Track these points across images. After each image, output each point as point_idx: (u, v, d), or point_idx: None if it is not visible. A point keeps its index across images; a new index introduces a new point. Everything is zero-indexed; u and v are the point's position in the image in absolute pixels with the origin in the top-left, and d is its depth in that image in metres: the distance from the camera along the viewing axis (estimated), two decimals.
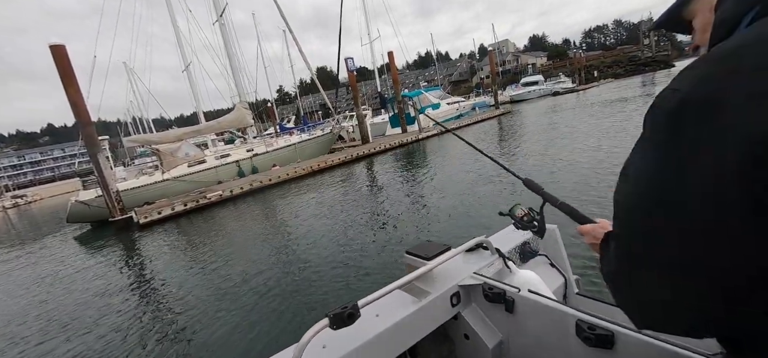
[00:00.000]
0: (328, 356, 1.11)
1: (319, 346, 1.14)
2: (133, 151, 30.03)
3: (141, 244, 8.34)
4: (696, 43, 0.60)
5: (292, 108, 66.54)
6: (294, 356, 0.94)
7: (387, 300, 1.30)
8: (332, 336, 1.12)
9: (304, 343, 0.95)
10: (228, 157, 14.89)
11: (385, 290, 1.14)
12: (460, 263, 1.53)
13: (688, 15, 0.60)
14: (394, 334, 1.22)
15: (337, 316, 0.98)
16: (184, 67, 21.05)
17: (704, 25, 0.56)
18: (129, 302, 4.87)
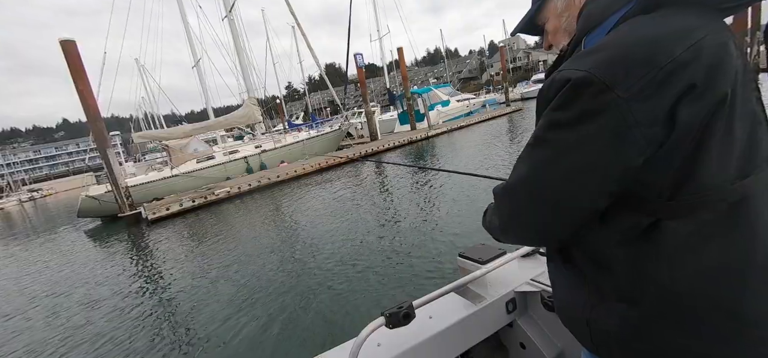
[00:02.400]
0: (383, 354, 1.11)
1: (374, 343, 1.14)
2: (144, 147, 30.38)
3: (150, 240, 8.32)
4: (549, 42, 0.73)
5: (300, 104, 66.72)
6: (352, 351, 0.95)
7: (441, 302, 1.27)
8: (387, 335, 1.11)
9: (361, 339, 0.96)
10: (236, 154, 14.86)
11: (440, 292, 1.14)
12: (516, 269, 1.46)
13: (540, 21, 0.74)
14: (447, 337, 1.20)
15: (394, 315, 0.99)
16: (194, 63, 21.15)
17: (554, 28, 0.71)
18: (135, 298, 4.79)
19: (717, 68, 0.47)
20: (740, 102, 0.50)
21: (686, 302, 0.51)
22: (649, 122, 0.47)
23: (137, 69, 35.31)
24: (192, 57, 20.92)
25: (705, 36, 0.48)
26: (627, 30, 0.51)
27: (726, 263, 0.50)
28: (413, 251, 4.59)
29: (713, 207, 0.50)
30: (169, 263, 6.22)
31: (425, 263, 4.22)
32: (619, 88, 0.47)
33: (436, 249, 4.53)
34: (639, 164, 0.49)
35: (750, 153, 0.51)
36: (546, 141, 0.55)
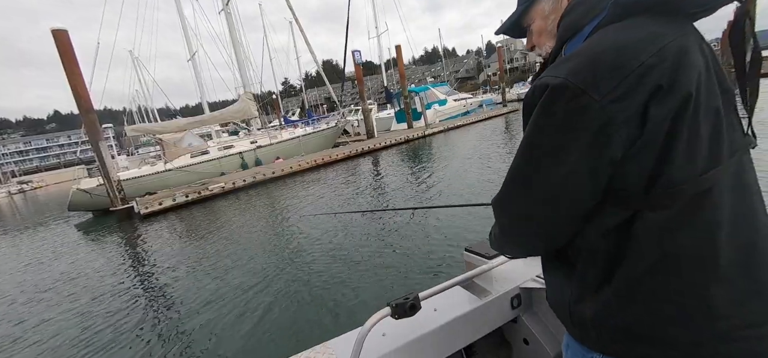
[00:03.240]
0: (388, 344, 1.12)
1: (379, 333, 1.15)
2: (138, 141, 30.01)
3: (142, 235, 8.19)
4: (532, 43, 0.76)
5: (297, 101, 66.35)
6: (357, 339, 0.97)
7: (446, 295, 1.28)
8: (392, 325, 1.13)
9: (367, 329, 0.97)
10: (231, 149, 14.71)
11: (446, 285, 1.15)
12: (522, 265, 1.46)
13: (526, 22, 0.77)
14: (451, 330, 1.21)
15: (400, 306, 1.00)
16: (190, 56, 20.88)
17: (539, 30, 0.74)
18: (126, 293, 4.70)
19: (680, 70, 0.51)
20: (704, 101, 0.53)
21: (657, 288, 0.55)
22: (623, 121, 0.51)
23: (131, 61, 34.86)
24: (187, 50, 20.65)
25: (670, 41, 0.52)
26: (599, 38, 0.56)
27: (693, 250, 0.54)
28: (417, 245, 4.57)
29: (682, 199, 0.53)
30: (162, 258, 6.11)
31: (430, 256, 4.21)
32: (594, 91, 0.51)
33: (441, 242, 4.50)
34: (619, 159, 0.53)
35: (715, 147, 0.54)
36: (536, 147, 0.58)
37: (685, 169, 0.53)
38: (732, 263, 0.54)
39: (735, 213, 0.55)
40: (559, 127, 0.55)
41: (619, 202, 0.56)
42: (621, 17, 0.57)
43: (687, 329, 0.54)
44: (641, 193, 0.54)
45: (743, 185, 0.58)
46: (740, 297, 0.54)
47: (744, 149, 0.59)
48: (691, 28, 0.57)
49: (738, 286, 0.54)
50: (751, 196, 0.58)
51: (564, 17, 0.65)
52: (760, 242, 0.57)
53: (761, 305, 0.55)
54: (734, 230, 0.55)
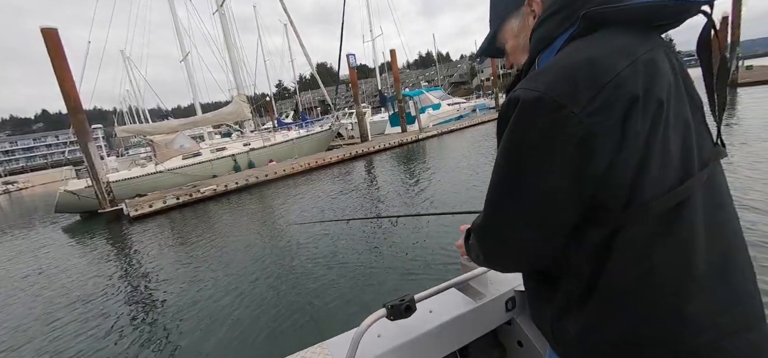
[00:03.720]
0: (383, 344, 1.13)
1: (374, 334, 1.16)
2: (128, 141, 29.56)
3: (131, 237, 8.04)
4: (510, 61, 0.77)
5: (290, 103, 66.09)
6: (353, 339, 0.98)
7: (442, 298, 1.30)
8: (387, 326, 1.14)
9: (362, 329, 0.98)
10: (224, 151, 14.56)
11: (441, 287, 1.16)
12: None
13: (500, 43, 0.78)
14: (446, 332, 1.22)
15: (395, 307, 1.00)
16: (183, 57, 20.69)
17: (513, 48, 0.75)
18: (113, 297, 4.59)
19: (652, 81, 0.52)
20: (674, 112, 0.54)
21: (636, 303, 0.55)
22: (603, 134, 0.50)
23: (123, 61, 34.40)
24: (180, 50, 20.45)
25: (641, 54, 0.52)
26: (573, 50, 0.56)
27: (671, 264, 0.53)
28: (413, 248, 4.55)
29: (657, 212, 0.53)
30: (151, 261, 6.01)
31: (424, 259, 4.20)
32: (573, 104, 0.50)
33: (436, 244, 4.49)
34: (601, 174, 0.52)
35: (686, 159, 0.55)
36: (513, 165, 0.57)
37: (659, 182, 0.52)
38: (709, 273, 0.54)
39: (709, 223, 0.56)
40: (537, 143, 0.53)
41: (600, 218, 0.55)
42: (591, 30, 0.57)
43: (668, 343, 0.54)
44: (620, 208, 0.53)
45: (716, 195, 0.58)
46: (719, 308, 0.54)
47: (715, 159, 0.59)
48: (659, 41, 0.57)
49: (716, 296, 0.54)
50: (723, 205, 0.59)
51: (535, 30, 0.65)
52: (735, 250, 0.58)
53: (740, 313, 0.56)
54: (710, 241, 0.55)
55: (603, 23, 0.56)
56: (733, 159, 5.91)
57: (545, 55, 0.63)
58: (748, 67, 26.06)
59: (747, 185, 4.71)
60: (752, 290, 0.59)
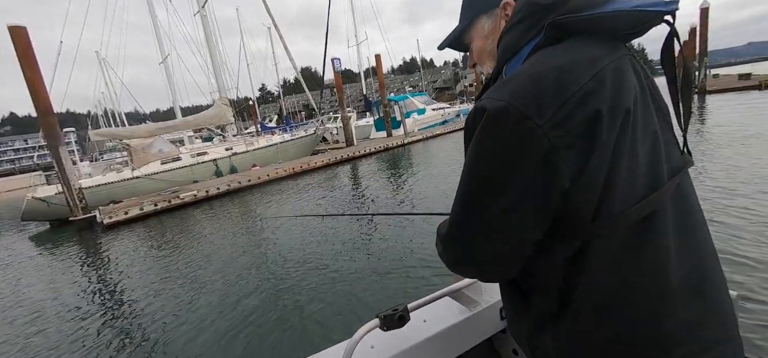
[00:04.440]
0: (376, 356, 1.11)
1: (367, 345, 1.14)
2: (103, 146, 28.43)
3: (105, 247, 7.67)
4: (474, 61, 0.76)
5: (274, 107, 65.24)
6: (346, 351, 0.95)
7: (436, 306, 1.28)
8: (381, 337, 1.12)
9: (355, 340, 0.96)
10: (205, 156, 14.16)
11: (434, 296, 1.13)
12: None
13: (467, 39, 0.76)
14: (440, 342, 1.20)
15: (389, 317, 0.98)
16: (162, 59, 20.10)
17: (479, 49, 0.73)
18: (83, 312, 4.33)
19: (619, 91, 0.51)
20: (641, 122, 0.53)
21: (610, 318, 0.54)
22: (566, 146, 0.49)
23: (98, 62, 33.18)
24: (159, 52, 19.87)
25: (607, 64, 0.52)
26: (539, 60, 0.55)
27: (644, 276, 0.53)
28: (404, 255, 4.49)
29: (627, 224, 0.52)
30: (126, 272, 5.73)
31: (417, 267, 4.14)
32: (536, 116, 0.49)
33: (429, 252, 4.44)
34: (567, 188, 0.51)
35: (655, 169, 0.54)
36: (478, 177, 0.55)
37: (628, 193, 0.52)
38: (683, 285, 0.54)
39: (680, 234, 0.55)
40: (502, 155, 0.52)
41: (568, 232, 0.54)
42: (557, 39, 0.56)
43: (645, 356, 0.53)
44: (589, 222, 0.52)
45: (685, 204, 0.58)
46: (695, 320, 0.54)
47: (683, 168, 0.59)
48: (625, 50, 0.57)
49: (691, 308, 0.54)
50: (693, 214, 0.59)
51: (502, 37, 0.64)
52: (707, 260, 0.58)
53: (715, 325, 0.55)
54: (682, 251, 0.55)
55: (569, 32, 0.56)
56: (702, 165, 6.15)
57: (512, 63, 0.62)
58: (714, 75, 27.43)
59: (716, 192, 4.89)
60: (725, 299, 0.59)
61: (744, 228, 3.69)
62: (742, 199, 4.45)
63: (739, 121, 10.23)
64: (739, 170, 5.63)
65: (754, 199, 4.41)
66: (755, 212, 4.03)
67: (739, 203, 4.33)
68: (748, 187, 4.85)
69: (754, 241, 3.44)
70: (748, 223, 3.80)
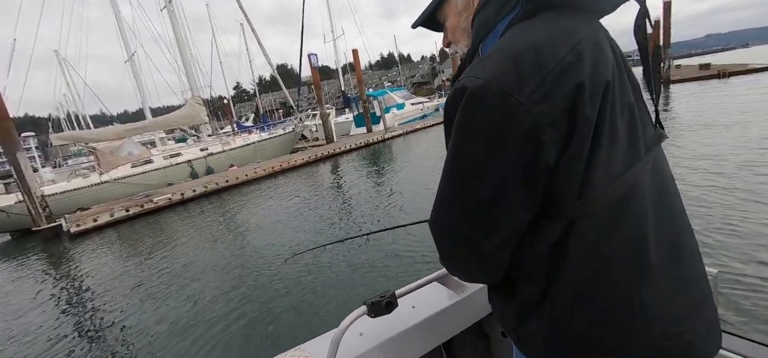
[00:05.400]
0: (365, 343, 1.11)
1: (356, 333, 1.13)
2: (67, 151, 26.87)
3: (73, 257, 7.25)
4: (448, 39, 0.73)
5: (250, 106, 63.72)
6: (333, 340, 0.96)
7: (424, 292, 1.26)
8: (369, 324, 1.11)
9: (342, 329, 0.96)
10: (179, 157, 13.63)
11: (423, 282, 1.14)
12: None
13: (441, 17, 0.73)
14: (430, 326, 1.21)
15: (376, 304, 0.98)
16: (128, 57, 19.14)
17: (453, 26, 0.70)
18: (51, 329, 4.07)
19: (597, 64, 0.50)
20: (619, 97, 0.52)
21: (593, 299, 0.54)
22: (550, 123, 0.48)
23: (57, 62, 31.26)
24: (125, 51, 18.90)
25: (584, 37, 0.51)
26: (514, 36, 0.54)
27: (625, 253, 0.53)
28: (388, 247, 4.45)
29: (607, 201, 0.52)
30: (98, 282, 5.43)
31: (404, 257, 4.13)
32: (517, 93, 0.47)
33: (415, 240, 4.43)
34: (552, 165, 0.49)
35: (633, 144, 0.54)
36: (462, 160, 0.54)
37: (609, 170, 0.51)
38: (661, 261, 0.54)
39: (657, 209, 0.55)
40: (485, 135, 0.50)
41: (555, 213, 0.53)
42: (533, 13, 0.55)
43: (626, 335, 0.53)
44: (575, 199, 0.51)
45: (661, 180, 0.58)
46: (671, 294, 0.54)
47: (657, 143, 0.59)
48: (599, 25, 0.56)
49: (669, 283, 0.54)
50: (668, 187, 0.59)
51: (477, 14, 0.62)
52: (683, 235, 0.58)
53: (690, 297, 0.56)
54: (659, 227, 0.55)
55: (544, 6, 0.55)
56: (670, 150, 6.45)
57: (488, 41, 0.60)
58: (677, 66, 28.89)
59: (683, 173, 5.14)
60: (700, 273, 0.59)
61: (712, 202, 3.90)
62: (712, 175, 4.70)
63: (699, 109, 10.80)
64: (707, 149, 5.94)
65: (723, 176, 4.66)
66: (725, 190, 4.26)
67: (708, 181, 4.56)
68: (716, 165, 5.12)
69: (724, 218, 3.63)
70: (718, 200, 4.01)
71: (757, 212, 3.69)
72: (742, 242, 3.18)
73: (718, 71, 19.78)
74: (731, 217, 3.66)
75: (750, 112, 8.73)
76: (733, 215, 3.68)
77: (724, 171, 4.97)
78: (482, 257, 0.57)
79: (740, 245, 3.14)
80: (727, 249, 3.12)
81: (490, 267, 0.59)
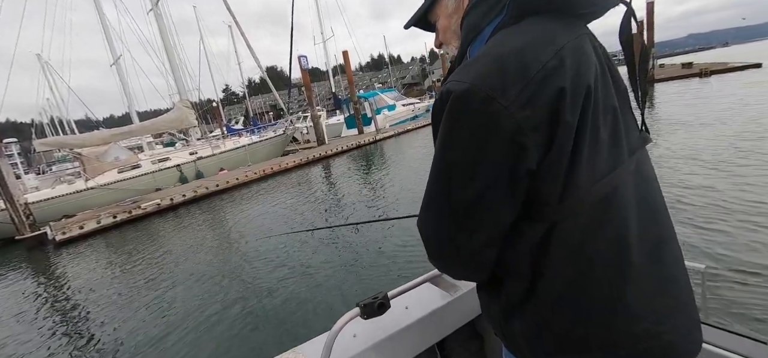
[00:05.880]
0: (358, 344, 1.11)
1: (349, 334, 1.14)
2: (51, 156, 26.21)
3: (59, 266, 7.07)
4: (439, 40, 0.74)
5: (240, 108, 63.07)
6: (326, 343, 0.96)
7: (417, 293, 1.27)
8: (362, 325, 1.12)
9: (335, 331, 0.97)
10: (167, 161, 13.41)
11: (415, 283, 1.15)
12: None
13: (432, 18, 0.74)
14: (423, 327, 1.22)
15: (368, 306, 0.99)
16: (113, 61, 18.76)
17: (444, 28, 0.71)
18: (35, 341, 3.97)
19: (579, 68, 0.51)
20: (602, 100, 0.53)
21: (577, 299, 0.54)
22: (533, 127, 0.49)
23: (40, 66, 30.49)
24: (111, 54, 18.53)
25: (567, 42, 0.52)
26: (500, 40, 0.55)
27: (607, 254, 0.54)
28: (383, 249, 4.45)
29: (591, 203, 0.53)
30: (85, 291, 5.31)
31: (397, 257, 4.15)
32: (501, 97, 0.48)
33: (407, 242, 4.44)
34: (534, 169, 0.50)
35: (616, 147, 0.55)
36: (447, 163, 0.55)
37: (591, 172, 0.52)
38: (644, 262, 0.55)
39: (640, 209, 0.56)
40: (469, 138, 0.51)
41: (537, 214, 0.54)
42: (519, 18, 0.56)
43: (609, 335, 0.55)
44: (556, 203, 0.52)
45: (644, 182, 0.59)
46: (652, 291, 0.55)
47: (642, 146, 0.60)
48: (585, 29, 0.58)
49: (651, 284, 0.56)
50: (652, 190, 0.60)
51: (465, 18, 0.63)
52: (665, 233, 0.60)
53: (672, 296, 0.57)
54: (642, 229, 0.56)
55: (530, 11, 0.56)
56: (654, 148, 6.59)
57: (475, 45, 0.62)
58: (660, 65, 29.56)
59: (668, 171, 5.27)
60: (682, 273, 0.61)
61: (695, 199, 4.00)
62: (695, 176, 4.82)
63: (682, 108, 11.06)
64: (689, 149, 6.09)
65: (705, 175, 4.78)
66: (707, 188, 4.37)
67: (692, 181, 4.68)
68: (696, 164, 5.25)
69: (707, 214, 3.73)
70: (701, 196, 4.12)
71: (741, 207, 3.81)
72: (728, 239, 3.27)
73: (700, 70, 20.31)
74: (715, 213, 3.76)
75: (730, 110, 8.99)
76: (718, 211, 3.78)
77: (705, 168, 5.11)
78: (467, 256, 0.58)
79: (726, 242, 3.23)
80: (712, 245, 3.21)
81: (476, 265, 0.60)
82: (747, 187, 4.25)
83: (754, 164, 4.94)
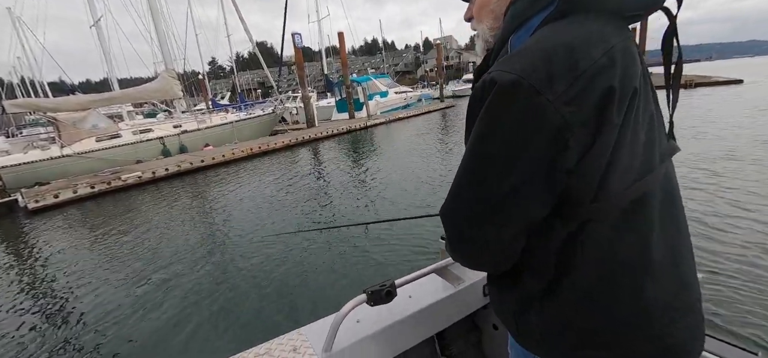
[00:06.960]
0: (362, 330, 1.13)
1: (354, 319, 1.16)
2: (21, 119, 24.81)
3: (29, 235, 6.71)
4: (470, 13, 0.71)
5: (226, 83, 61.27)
6: (332, 324, 1.00)
7: (421, 283, 1.31)
8: (367, 311, 1.14)
9: (342, 314, 1.00)
10: (150, 133, 12.89)
11: (421, 273, 1.19)
12: None
13: None
14: (425, 317, 1.24)
15: (376, 293, 1.01)
16: (93, 22, 17.76)
17: (482, 3, 0.67)
18: (9, 314, 3.74)
19: (628, 70, 0.50)
20: (643, 104, 0.53)
21: (599, 299, 0.56)
22: (579, 124, 0.48)
23: (11, 21, 28.61)
24: (91, 14, 17.51)
25: (617, 42, 0.51)
26: (549, 34, 0.53)
27: (631, 256, 0.55)
28: (376, 240, 4.38)
29: (621, 206, 0.53)
30: (59, 262, 5.04)
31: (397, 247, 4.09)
32: (549, 92, 0.47)
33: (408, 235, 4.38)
34: (571, 167, 0.50)
35: (650, 153, 0.55)
36: (485, 153, 0.54)
37: (626, 176, 0.52)
38: (663, 265, 0.56)
39: (664, 217, 0.57)
40: (511, 131, 0.51)
41: (567, 213, 0.54)
42: (567, 13, 0.55)
43: (628, 334, 0.56)
44: (588, 203, 0.52)
45: (670, 187, 0.60)
46: (670, 294, 0.57)
47: (671, 154, 0.61)
48: (629, 32, 0.56)
49: (669, 284, 0.57)
50: (675, 197, 0.61)
51: (513, 4, 0.61)
52: (683, 242, 0.61)
53: (684, 298, 0.59)
54: (664, 233, 0.57)
55: (578, 8, 0.54)
56: None
57: (519, 35, 0.60)
58: None
59: None
60: (693, 275, 0.62)
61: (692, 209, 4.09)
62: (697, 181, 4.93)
63: None
64: None
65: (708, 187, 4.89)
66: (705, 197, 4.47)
67: None
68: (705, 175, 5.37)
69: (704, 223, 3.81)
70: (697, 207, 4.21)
71: (738, 217, 3.91)
72: (725, 248, 3.34)
73: (686, 81, 20.84)
74: (712, 223, 3.84)
75: (716, 122, 9.26)
76: (715, 221, 3.87)
77: (703, 176, 5.23)
78: (497, 249, 0.58)
79: (724, 251, 3.30)
80: (710, 254, 3.27)
81: (504, 256, 0.60)
82: (741, 196, 4.37)
83: (746, 177, 5.09)
